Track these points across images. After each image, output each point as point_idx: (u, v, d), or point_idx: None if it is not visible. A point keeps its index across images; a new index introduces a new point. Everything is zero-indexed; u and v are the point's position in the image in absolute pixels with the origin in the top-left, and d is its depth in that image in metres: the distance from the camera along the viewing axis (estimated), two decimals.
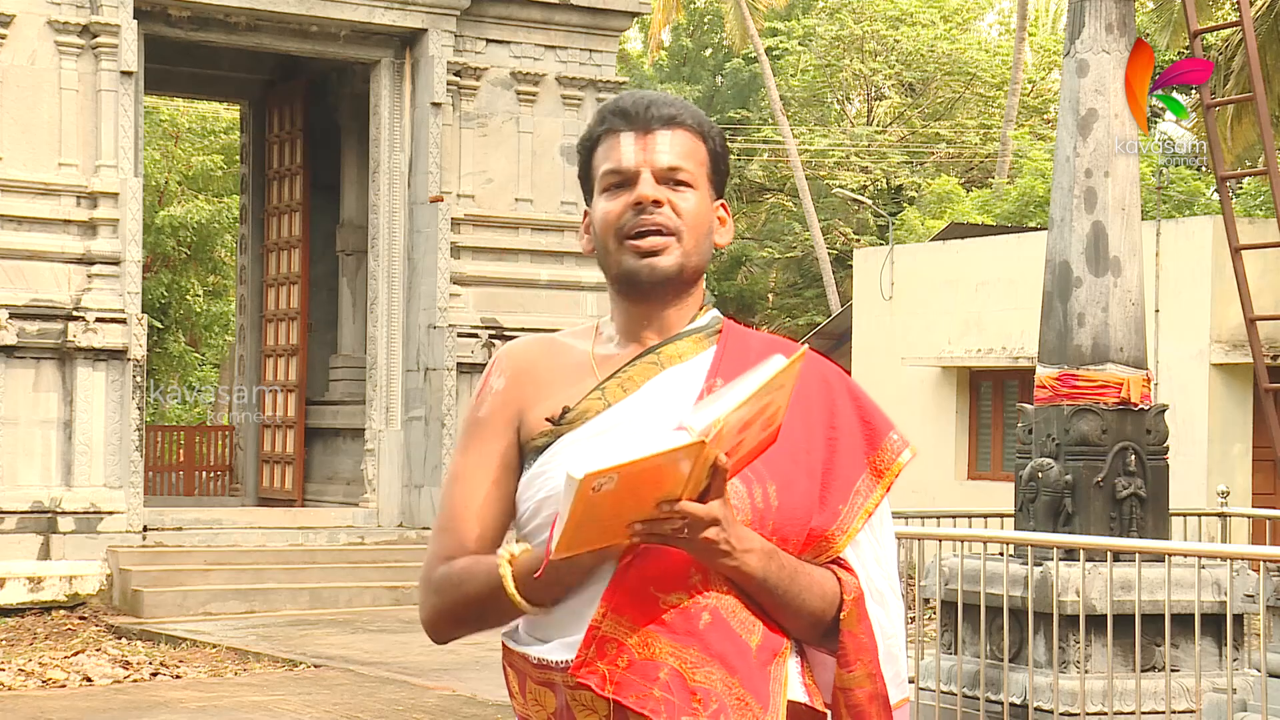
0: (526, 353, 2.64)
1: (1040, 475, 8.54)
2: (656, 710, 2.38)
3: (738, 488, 2.44)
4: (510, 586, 2.43)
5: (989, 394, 21.05)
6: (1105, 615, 7.73)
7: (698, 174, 2.58)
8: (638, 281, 2.56)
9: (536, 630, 2.52)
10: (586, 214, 2.65)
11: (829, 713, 2.58)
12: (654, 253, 2.53)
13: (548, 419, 2.55)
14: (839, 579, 2.54)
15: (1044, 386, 8.75)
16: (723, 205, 2.65)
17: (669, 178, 2.56)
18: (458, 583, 2.52)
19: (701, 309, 2.63)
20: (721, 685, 2.40)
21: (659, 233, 2.54)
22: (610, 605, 2.41)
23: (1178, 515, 9.75)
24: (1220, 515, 10.20)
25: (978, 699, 8.32)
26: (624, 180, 2.57)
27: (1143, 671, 7.82)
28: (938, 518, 10.09)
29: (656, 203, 2.54)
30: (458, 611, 2.53)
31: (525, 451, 2.57)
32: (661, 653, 2.40)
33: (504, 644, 2.57)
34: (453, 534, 2.57)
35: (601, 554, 2.38)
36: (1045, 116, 36.50)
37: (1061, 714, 7.91)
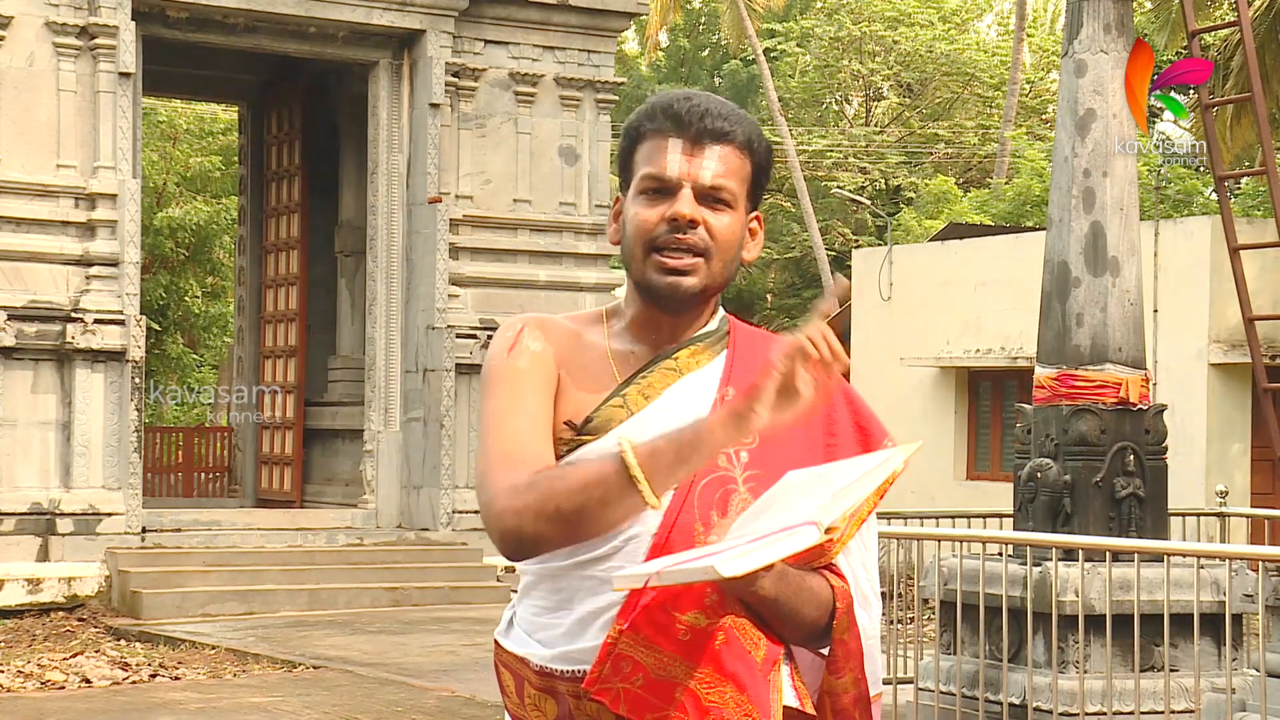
0: (555, 332, 2.60)
1: (1039, 475, 8.54)
2: None
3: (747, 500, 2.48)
4: (633, 462, 2.30)
5: (988, 394, 21.05)
6: (1104, 615, 7.73)
7: (738, 193, 2.55)
8: (657, 297, 2.55)
9: (536, 633, 2.52)
10: (619, 200, 2.62)
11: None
12: (680, 271, 2.52)
13: (567, 423, 2.53)
14: (832, 586, 2.55)
15: (1042, 387, 8.75)
16: (757, 218, 2.63)
17: (709, 195, 2.53)
18: (560, 475, 2.37)
19: (713, 312, 2.63)
20: (733, 704, 2.42)
21: (689, 252, 2.52)
22: (628, 624, 2.41)
23: (1176, 515, 9.75)
24: (1219, 515, 10.20)
25: (977, 699, 8.32)
26: (663, 188, 2.53)
27: (1142, 671, 7.82)
28: (936, 518, 10.10)
29: (693, 223, 2.51)
30: (558, 504, 2.34)
31: None
32: (677, 673, 2.40)
33: (497, 643, 2.57)
34: (522, 456, 2.45)
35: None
36: (1044, 117, 36.49)
37: (1061, 714, 7.91)
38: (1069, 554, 8.13)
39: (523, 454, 2.45)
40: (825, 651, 2.56)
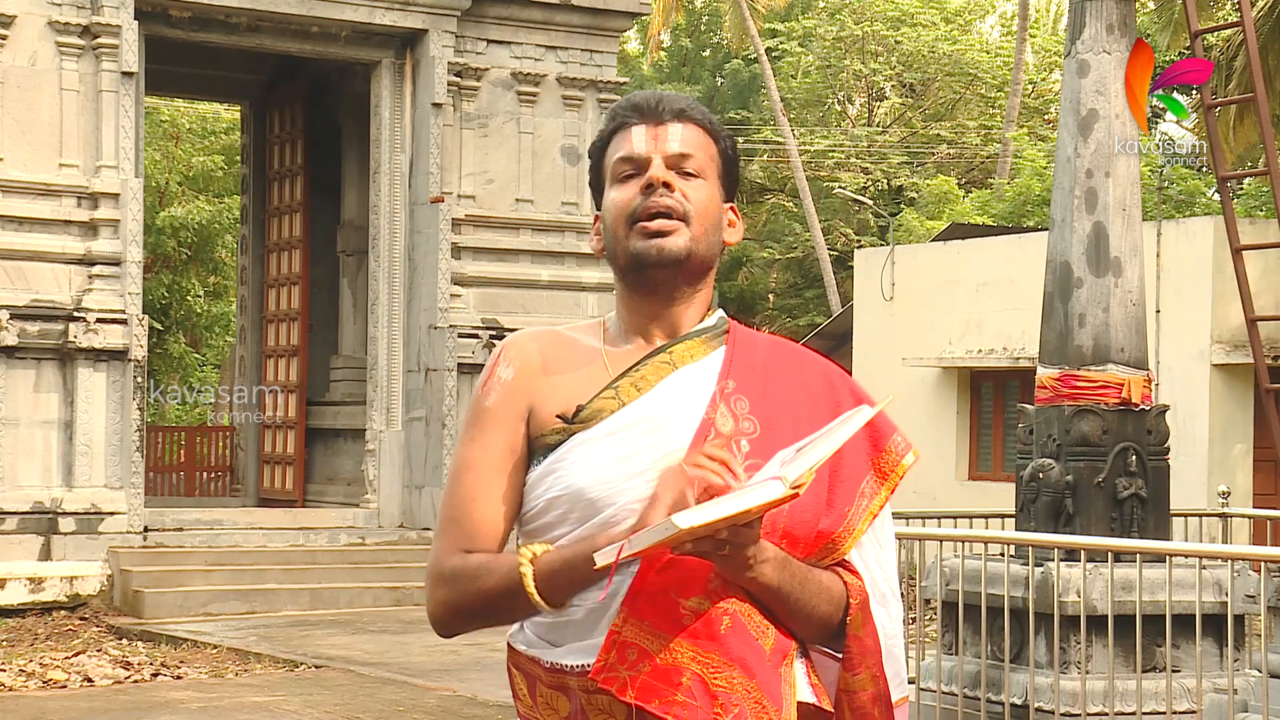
0: (535, 344, 2.62)
1: (1041, 476, 8.54)
2: (680, 716, 2.38)
3: None
4: (530, 586, 2.42)
5: (990, 394, 21.05)
6: (1106, 616, 7.73)
7: (708, 166, 2.60)
8: (645, 264, 2.55)
9: (548, 634, 2.51)
10: (598, 218, 2.65)
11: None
12: (662, 234, 2.54)
13: (559, 416, 2.53)
14: (845, 582, 2.55)
15: (1045, 387, 8.75)
16: (732, 208, 2.66)
17: (679, 165, 2.58)
18: (473, 577, 2.50)
19: (709, 310, 2.64)
20: (741, 689, 2.41)
21: (668, 215, 2.55)
22: (631, 610, 2.41)
23: (1179, 516, 9.75)
24: (1221, 516, 10.20)
25: (978, 699, 8.32)
26: (636, 168, 2.58)
27: (1144, 672, 7.82)
28: (938, 518, 10.09)
29: (667, 185, 2.55)
30: (470, 606, 2.51)
31: (534, 447, 2.56)
32: (683, 658, 2.40)
33: (510, 646, 2.56)
34: (461, 526, 2.55)
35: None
36: (1046, 117, 36.49)
37: (1062, 714, 7.91)
38: (1071, 554, 8.13)
39: (465, 520, 2.55)
40: (840, 655, 2.55)
